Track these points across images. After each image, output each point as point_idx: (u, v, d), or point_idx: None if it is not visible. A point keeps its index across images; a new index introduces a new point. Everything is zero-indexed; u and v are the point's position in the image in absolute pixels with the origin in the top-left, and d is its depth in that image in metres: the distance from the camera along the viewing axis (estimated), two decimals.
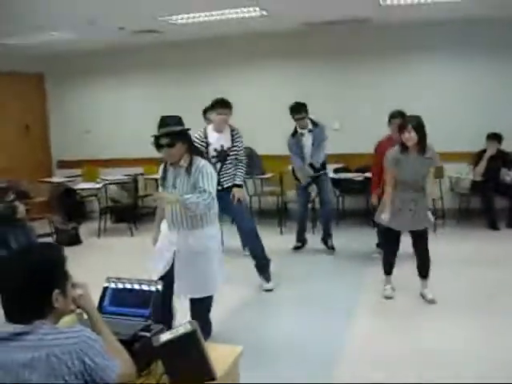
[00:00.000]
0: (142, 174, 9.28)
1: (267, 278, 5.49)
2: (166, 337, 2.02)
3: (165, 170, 3.86)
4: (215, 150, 5.46)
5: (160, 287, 2.41)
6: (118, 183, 8.81)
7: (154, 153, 3.77)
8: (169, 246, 3.84)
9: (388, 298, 4.98)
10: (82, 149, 9.81)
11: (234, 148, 5.50)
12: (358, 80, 8.43)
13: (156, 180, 8.81)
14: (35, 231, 6.22)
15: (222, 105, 5.41)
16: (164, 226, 3.98)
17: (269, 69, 8.84)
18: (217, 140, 5.47)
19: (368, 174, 7.86)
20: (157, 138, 3.65)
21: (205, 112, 6.35)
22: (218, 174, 5.34)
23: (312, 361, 3.85)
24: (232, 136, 5.49)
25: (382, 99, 7.90)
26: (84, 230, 8.16)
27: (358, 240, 7.07)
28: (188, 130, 3.74)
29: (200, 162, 3.72)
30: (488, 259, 6.04)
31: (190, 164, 3.69)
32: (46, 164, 10.15)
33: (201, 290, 3.83)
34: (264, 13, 6.97)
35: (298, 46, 8.53)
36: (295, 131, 6.56)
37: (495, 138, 7.45)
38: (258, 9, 6.78)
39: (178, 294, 3.84)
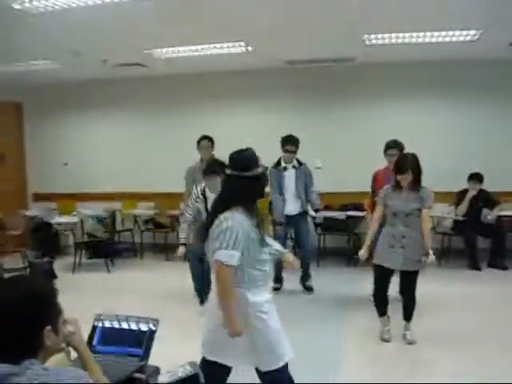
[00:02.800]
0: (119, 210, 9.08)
1: None
2: (163, 379, 1.89)
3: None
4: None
5: (154, 327, 2.27)
6: (94, 217, 8.54)
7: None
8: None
9: (385, 341, 4.79)
10: (59, 182, 9.61)
11: None
12: (341, 118, 8.47)
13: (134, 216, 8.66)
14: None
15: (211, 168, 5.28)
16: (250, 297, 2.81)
17: (251, 105, 8.83)
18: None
19: (350, 213, 7.85)
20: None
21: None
22: None
23: None
24: None
25: (364, 138, 7.92)
26: (59, 264, 7.90)
27: (339, 280, 6.96)
28: None
29: None
30: (469, 300, 5.98)
31: None
32: (21, 196, 9.88)
33: None
34: (249, 49, 6.95)
35: (281, 84, 8.54)
36: (278, 163, 6.35)
37: (477, 178, 7.51)
38: (243, 44, 6.76)
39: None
